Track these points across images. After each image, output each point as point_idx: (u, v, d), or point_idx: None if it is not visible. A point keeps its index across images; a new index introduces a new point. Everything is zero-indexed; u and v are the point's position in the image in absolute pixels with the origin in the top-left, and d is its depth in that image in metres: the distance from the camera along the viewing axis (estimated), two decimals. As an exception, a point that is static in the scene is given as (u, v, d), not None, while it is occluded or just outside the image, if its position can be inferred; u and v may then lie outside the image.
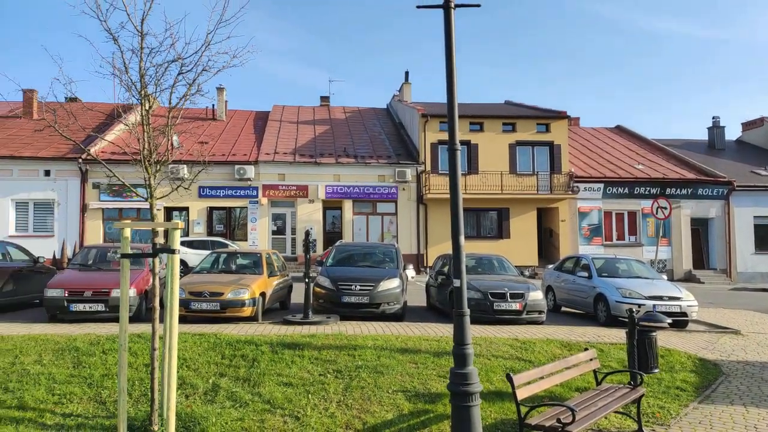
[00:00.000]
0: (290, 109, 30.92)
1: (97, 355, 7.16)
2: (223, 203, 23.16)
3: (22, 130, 24.09)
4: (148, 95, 5.18)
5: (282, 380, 6.50)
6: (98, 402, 5.83)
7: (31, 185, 21.50)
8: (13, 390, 5.97)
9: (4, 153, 21.43)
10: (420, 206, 23.96)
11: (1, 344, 7.51)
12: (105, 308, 9.43)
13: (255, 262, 11.46)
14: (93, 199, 21.73)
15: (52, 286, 9.54)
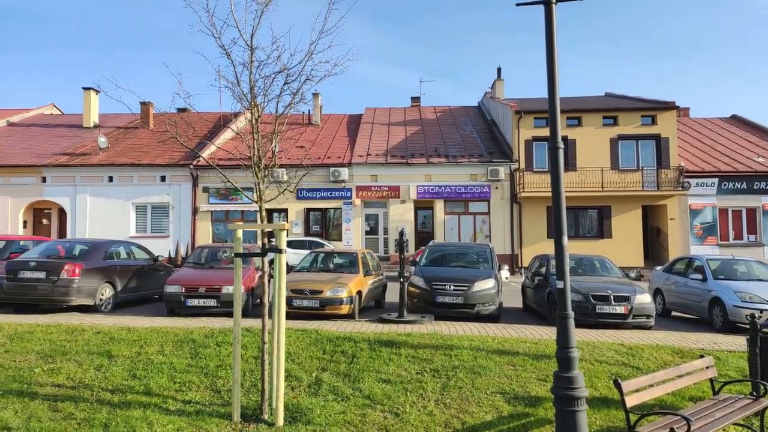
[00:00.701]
0: (382, 111, 31.42)
1: (211, 347, 7.71)
2: (319, 204, 24.00)
3: (140, 139, 26.42)
4: (257, 105, 5.52)
5: (380, 377, 6.66)
6: (213, 390, 6.29)
7: (149, 190, 23.50)
8: (140, 377, 6.59)
9: (126, 161, 23.60)
10: (513, 205, 23.43)
11: (129, 335, 8.31)
12: (217, 303, 10.14)
13: (351, 262, 11.80)
14: (203, 202, 23.38)
15: (170, 282, 10.40)
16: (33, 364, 7.00)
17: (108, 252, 11.46)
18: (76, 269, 10.18)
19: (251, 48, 5.33)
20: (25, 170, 23.30)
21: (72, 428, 5.09)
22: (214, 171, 22.69)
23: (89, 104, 28.47)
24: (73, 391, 6.07)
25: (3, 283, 10.14)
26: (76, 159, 23.75)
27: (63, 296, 10.07)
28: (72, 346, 7.72)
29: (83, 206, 23.33)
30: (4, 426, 5.11)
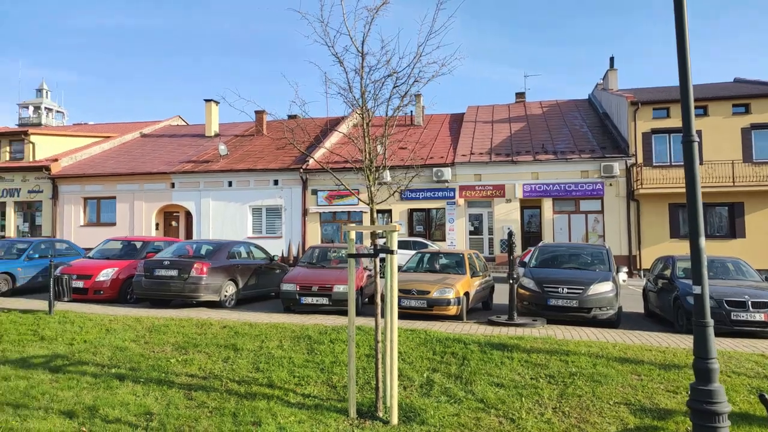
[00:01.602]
0: (484, 109, 30.89)
1: (325, 343, 8.01)
2: (422, 205, 24.08)
3: (255, 146, 28.11)
4: (368, 109, 5.64)
5: (493, 380, 6.53)
6: (330, 386, 6.52)
7: (263, 193, 24.93)
8: (263, 370, 6.98)
9: (243, 167, 25.20)
10: (630, 203, 21.97)
11: (251, 330, 8.85)
12: (328, 302, 10.51)
13: (458, 262, 11.70)
14: (312, 204, 24.39)
15: (286, 281, 10.95)
16: (169, 354, 7.67)
17: (231, 252, 12.29)
18: (204, 268, 11.02)
19: (362, 54, 5.46)
20: (157, 177, 25.66)
21: (205, 416, 5.51)
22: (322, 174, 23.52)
23: (210, 115, 30.78)
24: (205, 381, 6.57)
25: (141, 280, 11.23)
26: (200, 166, 25.78)
27: (192, 292, 10.94)
28: (202, 339, 8.37)
29: (206, 209, 25.25)
30: (147, 411, 5.64)
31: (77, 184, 26.50)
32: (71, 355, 7.59)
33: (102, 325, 9.15)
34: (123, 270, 12.09)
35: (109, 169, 26.79)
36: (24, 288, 13.50)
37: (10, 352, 7.75)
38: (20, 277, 13.42)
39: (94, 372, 6.87)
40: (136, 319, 9.57)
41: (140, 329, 8.97)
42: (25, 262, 13.71)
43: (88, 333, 8.70)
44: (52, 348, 7.96)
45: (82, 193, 26.47)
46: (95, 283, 11.73)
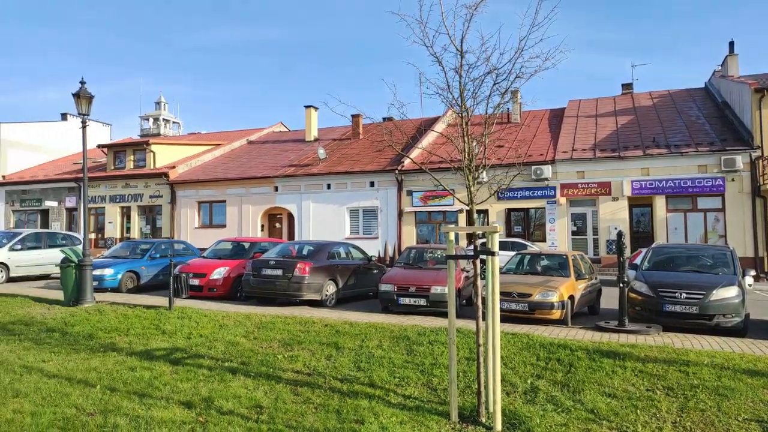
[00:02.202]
0: (587, 103, 29.41)
1: (424, 344, 7.98)
2: (521, 204, 23.37)
3: (352, 149, 28.78)
4: (467, 108, 5.54)
5: (604, 390, 6.16)
6: (430, 388, 6.47)
7: (360, 195, 25.45)
8: (364, 369, 7.09)
9: (341, 169, 25.89)
10: (756, 199, 19.90)
11: (351, 329, 9.03)
12: (426, 303, 10.49)
13: (561, 264, 11.21)
14: (407, 205, 24.52)
15: (384, 281, 11.07)
16: (276, 350, 8.02)
17: (331, 252, 12.65)
18: (306, 267, 11.44)
19: (461, 52, 5.37)
20: (262, 181, 27.05)
21: (310, 412, 5.68)
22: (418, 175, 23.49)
23: (310, 120, 31.97)
24: (309, 378, 6.79)
25: (250, 278, 11.86)
26: (300, 170, 26.83)
27: (296, 291, 11.39)
28: (305, 336, 8.67)
29: (307, 211, 26.23)
30: (257, 404, 5.91)
31: (192, 189, 28.57)
32: (189, 349, 8.16)
33: (216, 321, 9.77)
34: (234, 269, 12.85)
35: (220, 174, 28.63)
36: (147, 285, 14.76)
37: (136, 344, 8.48)
38: (144, 275, 14.70)
39: (209, 365, 7.33)
40: (246, 316, 10.11)
41: (249, 325, 9.47)
42: (148, 261, 15.00)
43: (203, 328, 9.32)
44: (172, 341, 8.61)
45: (197, 197, 28.50)
46: (209, 281, 12.57)
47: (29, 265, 16.90)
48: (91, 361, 7.55)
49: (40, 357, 7.75)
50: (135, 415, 5.48)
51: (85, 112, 11.45)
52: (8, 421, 5.32)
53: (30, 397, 6.06)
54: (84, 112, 11.44)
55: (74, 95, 11.30)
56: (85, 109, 11.43)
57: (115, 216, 30.25)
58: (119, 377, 6.79)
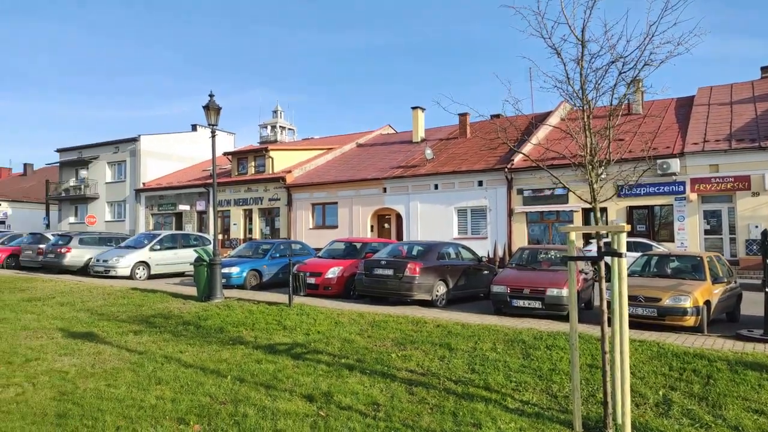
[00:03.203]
0: (719, 90, 26.72)
1: (541, 349, 7.68)
2: (644, 201, 21.76)
3: (459, 148, 28.52)
4: (588, 101, 5.23)
5: (750, 406, 5.55)
6: (549, 395, 6.21)
7: (468, 194, 25.14)
8: (478, 372, 6.96)
9: (448, 169, 25.75)
10: None
11: (464, 330, 8.93)
12: (541, 305, 10.09)
13: (695, 266, 10.26)
14: (517, 204, 23.83)
15: (496, 282, 10.83)
16: (389, 349, 8.13)
17: (440, 252, 12.61)
18: (417, 268, 11.49)
19: (582, 42, 5.08)
20: (371, 183, 27.66)
21: (426, 412, 5.67)
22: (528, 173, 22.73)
23: (417, 121, 32.18)
24: (424, 378, 6.79)
25: (362, 278, 12.15)
26: (408, 171, 27.08)
27: (407, 291, 11.49)
28: (418, 336, 8.71)
29: (415, 211, 26.41)
30: (373, 401, 6.02)
31: (306, 192, 29.93)
32: (308, 344, 8.52)
33: (332, 318, 10.12)
34: (347, 268, 13.26)
35: (332, 177, 29.71)
36: (268, 283, 15.66)
37: (261, 338, 9.01)
38: (265, 273, 15.62)
39: (327, 361, 7.60)
40: (360, 314, 10.37)
41: (363, 324, 9.70)
42: (269, 260, 15.92)
43: (320, 325, 9.70)
44: (292, 337, 9.05)
45: (311, 200, 29.81)
46: (324, 279, 13.08)
47: (166, 263, 18.64)
48: (222, 353, 8.14)
49: (177, 348, 8.49)
50: (262, 406, 5.81)
51: (213, 122, 12.41)
52: (152, 406, 5.87)
53: (170, 384, 6.65)
54: (213, 122, 12.41)
55: (204, 107, 12.30)
56: (214, 120, 12.39)
57: (239, 218, 32.49)
58: (247, 369, 7.24)
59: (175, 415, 5.59)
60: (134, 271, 17.48)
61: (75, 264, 18.81)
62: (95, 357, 8.01)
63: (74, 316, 11.23)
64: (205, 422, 5.38)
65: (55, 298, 13.14)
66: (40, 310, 11.88)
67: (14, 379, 6.85)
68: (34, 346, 8.65)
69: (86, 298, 13.20)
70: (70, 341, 8.96)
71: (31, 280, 16.22)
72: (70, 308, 12.02)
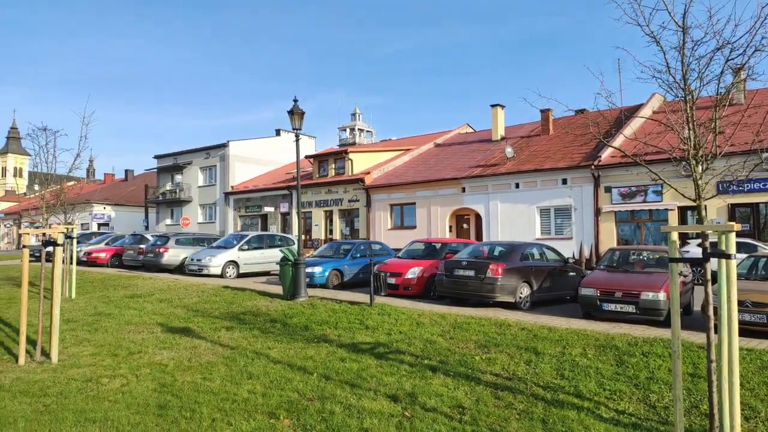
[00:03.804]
0: (838, 73, 24.09)
1: (637, 356, 7.25)
2: (748, 199, 20.04)
3: (541, 146, 27.64)
4: (691, 91, 4.87)
5: None
6: (647, 405, 5.84)
7: (551, 193, 24.30)
8: (568, 378, 6.68)
9: (530, 167, 25.02)
10: None
11: (550, 334, 8.61)
12: (635, 310, 9.54)
13: (811, 269, 9.31)
14: (605, 202, 22.72)
15: (585, 285, 10.35)
16: (473, 351, 7.99)
17: (524, 253, 12.26)
18: (499, 269, 11.23)
19: (684, 29, 4.73)
20: (449, 183, 27.43)
21: (514, 418, 5.51)
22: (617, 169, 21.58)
23: (496, 119, 31.55)
24: (509, 382, 6.61)
25: (443, 278, 12.04)
26: (487, 170, 26.61)
27: (489, 292, 11.26)
28: (502, 339, 8.50)
29: (495, 211, 25.89)
30: (458, 404, 5.93)
31: (384, 193, 30.18)
32: (390, 344, 8.56)
33: (413, 319, 10.11)
34: (427, 269, 13.20)
35: (409, 178, 29.76)
36: (349, 282, 15.92)
37: (344, 337, 9.15)
38: (347, 273, 15.89)
39: (410, 361, 7.59)
40: (441, 315, 10.29)
41: (445, 325, 9.61)
42: (350, 260, 16.18)
43: (402, 325, 9.71)
44: (374, 336, 9.12)
45: (389, 201, 30.03)
46: (404, 280, 13.10)
47: (254, 263, 19.46)
48: (307, 350, 8.35)
49: (266, 344, 8.80)
50: (348, 404, 5.89)
51: (298, 126, 12.79)
52: (245, 400, 6.11)
53: (260, 379, 6.89)
54: (297, 126, 12.79)
55: (289, 112, 12.70)
56: (298, 124, 12.76)
57: (320, 219, 33.33)
58: (332, 367, 7.38)
59: (266, 409, 5.79)
60: (225, 270, 18.37)
61: (172, 263, 20.06)
62: (191, 351, 8.47)
63: (172, 312, 11.95)
64: (294, 417, 5.53)
65: (155, 295, 14.06)
66: (141, 306, 12.75)
67: (119, 371, 7.38)
68: (137, 340, 9.29)
69: (182, 295, 14.02)
70: (169, 336, 9.54)
71: (132, 278, 17.48)
72: (168, 305, 12.81)
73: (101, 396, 6.28)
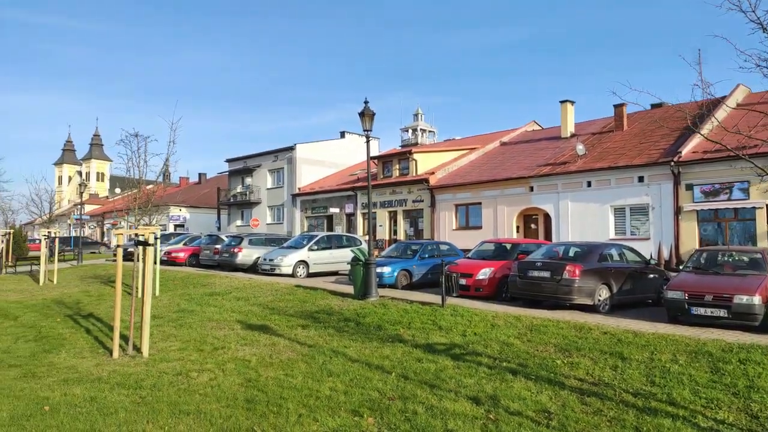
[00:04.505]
0: None
1: (733, 363, 6.82)
2: None
3: (615, 142, 26.54)
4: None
5: None
6: (749, 415, 5.47)
7: (626, 192, 23.26)
8: (659, 385, 6.36)
9: (603, 165, 24.06)
10: None
11: (636, 339, 8.24)
12: (727, 314, 8.97)
13: None
14: (686, 201, 21.52)
15: (672, 288, 9.82)
16: (553, 355, 7.77)
17: (602, 254, 11.80)
18: (576, 270, 10.86)
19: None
20: (516, 182, 26.84)
21: (604, 424, 5.30)
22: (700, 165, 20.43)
23: (565, 116, 30.60)
24: (595, 388, 6.37)
25: (516, 280, 11.78)
26: (557, 168, 25.84)
27: (565, 295, 10.90)
28: (583, 343, 8.22)
29: (565, 211, 25.09)
30: (543, 408, 5.77)
31: (449, 193, 29.95)
32: (466, 346, 8.47)
33: (487, 321, 9.96)
34: (498, 270, 12.97)
35: (475, 177, 29.38)
36: (417, 283, 15.88)
37: (418, 337, 9.14)
38: (415, 273, 15.87)
39: (488, 363, 7.47)
40: (516, 317, 10.08)
41: (521, 327, 9.41)
42: (418, 261, 16.15)
43: (476, 326, 9.59)
44: (449, 337, 9.05)
45: (454, 201, 29.77)
46: (475, 281, 12.93)
47: (323, 263, 19.81)
48: (383, 349, 8.40)
49: (342, 343, 8.93)
50: (430, 404, 5.87)
51: (368, 128, 12.92)
52: (327, 397, 6.22)
53: (341, 377, 7.00)
54: (367, 128, 12.92)
55: (360, 114, 12.84)
56: (369, 126, 12.89)
57: (384, 219, 33.52)
58: (409, 367, 7.39)
59: (349, 407, 5.87)
60: (295, 270, 18.82)
61: (245, 262, 20.77)
62: (271, 348, 8.73)
63: (249, 309, 12.37)
64: (378, 416, 5.57)
65: (232, 293, 14.60)
66: (220, 303, 13.27)
67: (206, 366, 7.71)
68: (219, 336, 9.68)
69: (257, 293, 14.48)
70: (249, 333, 9.88)
71: (210, 277, 18.23)
72: (245, 302, 13.27)
73: (192, 389, 6.58)
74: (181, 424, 5.41)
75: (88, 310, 12.99)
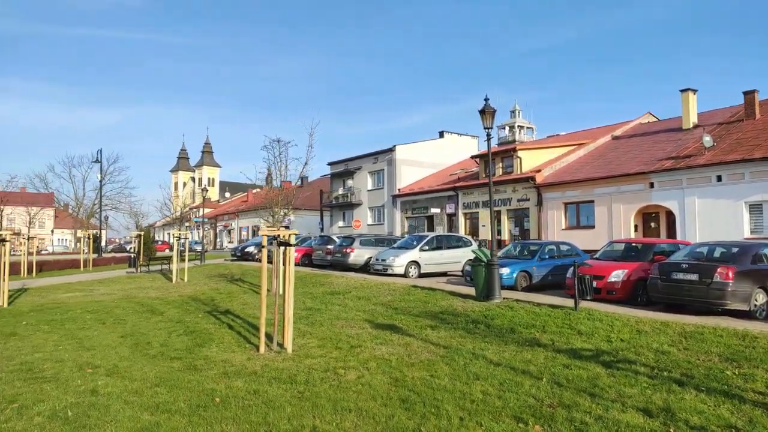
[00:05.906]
0: None
1: None
2: None
3: (746, 132, 24.18)
4: None
5: None
6: None
7: (763, 186, 21.09)
8: None
9: (735, 157, 21.97)
10: None
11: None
12: None
13: None
14: (840, 195, 19.12)
15: None
16: (719, 365, 7.10)
17: (756, 254, 10.70)
18: (730, 273, 9.92)
19: None
20: (634, 178, 25.21)
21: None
22: None
23: (687, 105, 28.35)
24: None
25: (657, 282, 10.97)
26: (680, 162, 23.97)
27: (717, 299, 9.99)
28: (752, 352, 7.47)
29: (690, 208, 23.21)
30: (728, 424, 5.25)
31: (558, 191, 28.77)
32: (614, 353, 7.97)
33: (630, 326, 9.35)
34: (633, 272, 12.16)
35: (585, 174, 27.99)
36: (536, 285, 15.32)
37: (558, 342, 8.75)
38: (535, 275, 15.33)
39: (646, 372, 6.97)
40: (663, 323, 9.38)
41: (672, 334, 8.73)
42: (538, 262, 15.59)
43: (620, 332, 9.02)
44: (592, 343, 8.58)
45: (563, 199, 28.55)
46: (607, 283, 12.21)
47: (433, 263, 19.73)
48: (523, 353, 8.12)
49: (477, 345, 8.75)
50: (597, 414, 5.54)
51: (489, 125, 12.65)
52: (482, 401, 6.07)
53: (488, 381, 6.82)
54: (488, 125, 12.65)
55: (480, 112, 12.61)
56: (489, 123, 12.62)
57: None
58: (558, 373, 7.06)
59: (509, 412, 5.68)
60: (407, 270, 18.88)
61: (357, 262, 21.19)
62: (406, 348, 8.74)
63: (372, 308, 12.54)
64: (545, 425, 5.33)
65: (351, 293, 14.89)
66: (342, 302, 13.58)
67: (350, 363, 7.84)
68: (352, 334, 9.85)
69: (376, 293, 14.66)
70: (379, 332, 9.97)
71: (326, 276, 18.76)
72: (366, 302, 13.47)
73: (343, 386, 6.69)
74: (346, 421, 5.49)
75: (223, 306, 13.80)
